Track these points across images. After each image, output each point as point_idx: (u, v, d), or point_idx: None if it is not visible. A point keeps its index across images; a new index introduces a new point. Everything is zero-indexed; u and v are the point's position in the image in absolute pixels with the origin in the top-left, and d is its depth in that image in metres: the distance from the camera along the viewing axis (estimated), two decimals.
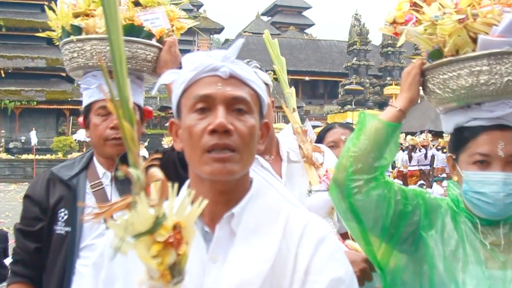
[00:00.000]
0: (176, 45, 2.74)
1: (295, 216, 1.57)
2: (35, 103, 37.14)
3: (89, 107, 2.65)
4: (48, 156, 34.07)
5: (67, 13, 2.63)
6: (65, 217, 2.54)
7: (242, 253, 1.46)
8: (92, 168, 2.69)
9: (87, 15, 2.63)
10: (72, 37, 2.59)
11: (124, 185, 2.54)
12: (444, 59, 2.00)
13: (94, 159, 2.72)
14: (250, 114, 1.52)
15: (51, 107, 37.92)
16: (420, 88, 2.16)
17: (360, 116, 2.15)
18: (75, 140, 34.87)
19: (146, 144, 32.14)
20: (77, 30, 2.59)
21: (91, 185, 2.62)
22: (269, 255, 1.44)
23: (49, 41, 37.92)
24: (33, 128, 34.84)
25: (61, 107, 38.40)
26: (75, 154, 29.74)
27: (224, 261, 1.46)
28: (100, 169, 2.67)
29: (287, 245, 1.48)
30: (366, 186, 2.03)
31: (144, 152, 29.21)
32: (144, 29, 2.62)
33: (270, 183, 2.52)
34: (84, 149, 33.18)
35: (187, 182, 1.60)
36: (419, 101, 2.54)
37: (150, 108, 2.93)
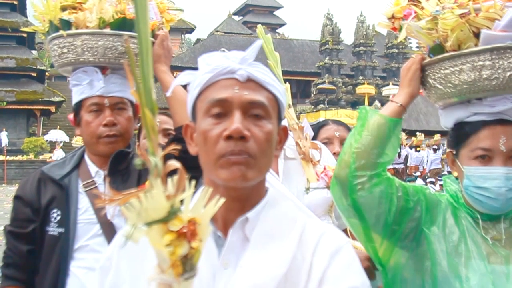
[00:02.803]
0: (168, 39, 2.69)
1: (312, 225, 1.52)
2: (5, 103, 36.66)
3: (80, 104, 2.58)
4: (19, 157, 33.64)
5: (54, 6, 2.55)
6: (58, 217, 2.48)
7: (255, 258, 1.42)
8: (84, 166, 2.63)
9: (74, 8, 2.56)
10: (63, 32, 2.52)
11: (117, 183, 2.50)
12: (446, 54, 2.00)
13: (86, 157, 2.66)
14: (268, 119, 1.46)
15: (21, 107, 37.50)
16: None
17: (361, 112, 2.14)
18: (46, 140, 34.49)
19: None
20: (66, 24, 2.52)
21: (83, 184, 2.55)
22: (284, 261, 1.40)
23: (19, 40, 37.42)
24: (4, 129, 34.42)
25: (31, 107, 37.99)
26: (47, 155, 29.48)
27: (236, 267, 1.42)
28: (92, 168, 2.61)
29: (302, 254, 1.43)
30: (369, 182, 2.03)
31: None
32: None
33: (267, 180, 2.51)
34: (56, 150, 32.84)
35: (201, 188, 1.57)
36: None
37: None
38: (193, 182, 1.10)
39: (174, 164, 1.08)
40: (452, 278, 1.96)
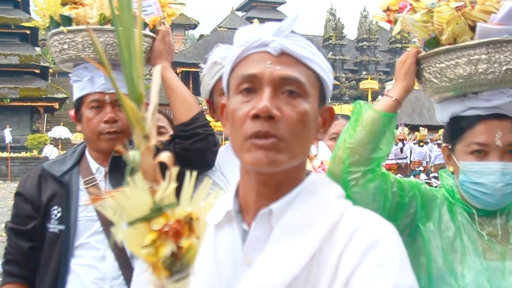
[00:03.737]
0: (170, 34, 2.67)
1: (351, 215, 1.31)
2: (8, 100, 36.72)
3: (81, 100, 2.58)
4: (22, 154, 33.73)
5: (55, 2, 2.54)
6: (59, 214, 2.47)
7: (271, 255, 1.26)
8: (84, 163, 2.62)
9: (75, 3, 2.55)
10: (63, 28, 2.51)
11: (118, 180, 2.48)
12: (442, 48, 1.97)
13: (87, 153, 2.65)
14: (304, 97, 1.30)
15: (25, 104, 37.56)
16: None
17: (355, 106, 2.11)
18: (50, 137, 34.55)
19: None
20: (67, 20, 2.51)
21: (84, 181, 2.55)
22: (300, 259, 1.23)
23: (22, 37, 37.47)
24: (7, 126, 34.47)
25: (35, 104, 38.04)
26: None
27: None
28: (93, 164, 2.61)
29: (331, 249, 1.24)
30: (363, 178, 2.01)
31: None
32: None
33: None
34: (60, 146, 32.96)
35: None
36: None
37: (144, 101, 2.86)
38: (193, 176, 1.02)
39: (162, 157, 1.00)
40: (447, 275, 1.94)
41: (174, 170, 1.00)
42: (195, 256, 1.00)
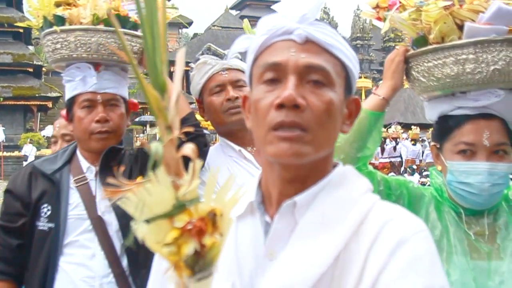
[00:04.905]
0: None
1: (379, 210, 1.25)
2: (1, 99, 36.47)
3: (72, 100, 2.60)
4: (16, 153, 33.54)
5: (49, 2, 2.56)
6: (48, 212, 2.48)
7: (297, 250, 1.21)
8: (75, 162, 2.63)
9: (68, 4, 2.57)
10: (56, 28, 2.52)
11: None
12: (429, 47, 1.98)
13: (78, 153, 2.67)
14: (330, 87, 1.25)
15: (18, 103, 37.30)
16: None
17: None
18: (43, 136, 34.37)
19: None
20: (60, 20, 2.53)
21: (75, 180, 2.56)
22: (326, 258, 1.17)
23: (15, 36, 37.22)
24: (0, 125, 34.28)
25: (28, 103, 37.79)
26: (44, 151, 29.38)
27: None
28: (84, 163, 2.62)
29: (357, 246, 1.18)
30: None
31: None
32: (130, 19, 2.58)
33: (254, 175, 2.50)
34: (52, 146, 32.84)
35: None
36: None
37: (135, 101, 2.88)
38: (217, 169, 0.98)
39: (186, 149, 0.94)
40: None
41: (198, 164, 0.94)
42: (219, 254, 0.95)
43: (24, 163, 22.48)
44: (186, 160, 0.95)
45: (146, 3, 0.92)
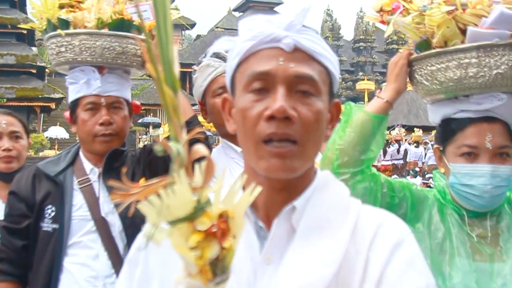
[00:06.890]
0: None
1: (368, 213, 1.31)
2: (5, 100, 36.53)
3: (76, 102, 2.61)
4: None
5: (52, 5, 2.57)
6: (52, 214, 2.50)
7: (302, 253, 1.21)
8: (79, 163, 2.65)
9: (72, 6, 2.58)
10: (61, 32, 2.54)
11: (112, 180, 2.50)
12: (432, 51, 1.99)
13: (81, 154, 2.69)
14: (317, 96, 1.24)
15: (21, 104, 37.33)
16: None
17: (345, 107, 2.11)
18: (47, 137, 34.45)
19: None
20: (64, 23, 2.54)
21: (78, 181, 2.58)
22: (335, 258, 1.19)
23: (19, 37, 37.18)
24: None
25: (31, 104, 37.88)
26: (47, 152, 29.45)
27: (279, 262, 1.22)
28: (87, 165, 2.64)
29: (355, 247, 1.22)
30: (352, 179, 2.02)
31: None
32: (134, 23, 2.59)
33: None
34: (56, 147, 32.91)
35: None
36: None
37: (138, 103, 2.89)
38: (225, 170, 0.94)
39: (200, 150, 0.91)
40: (434, 276, 1.94)
41: (224, 168, 0.93)
42: (233, 257, 0.92)
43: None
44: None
45: (159, 1, 0.93)
